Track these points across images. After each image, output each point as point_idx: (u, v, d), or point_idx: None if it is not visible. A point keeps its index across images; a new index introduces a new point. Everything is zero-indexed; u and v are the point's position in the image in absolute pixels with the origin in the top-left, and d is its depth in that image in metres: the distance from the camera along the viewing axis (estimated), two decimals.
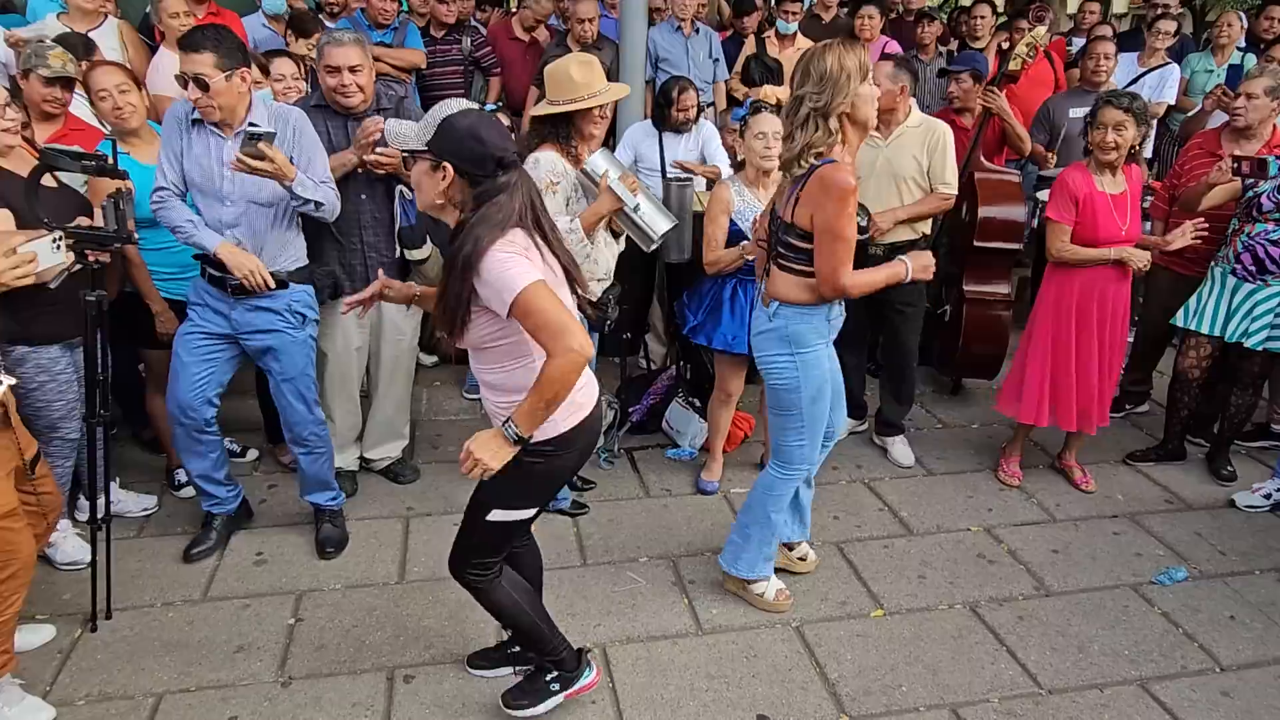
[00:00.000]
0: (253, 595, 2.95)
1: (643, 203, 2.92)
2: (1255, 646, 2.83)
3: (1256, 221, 3.55)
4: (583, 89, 2.91)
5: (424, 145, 1.93)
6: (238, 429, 3.84)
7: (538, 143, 3.03)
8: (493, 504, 2.13)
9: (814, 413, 2.70)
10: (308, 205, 2.81)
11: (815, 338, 2.64)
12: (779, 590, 2.95)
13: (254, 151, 2.60)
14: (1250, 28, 5.67)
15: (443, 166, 1.92)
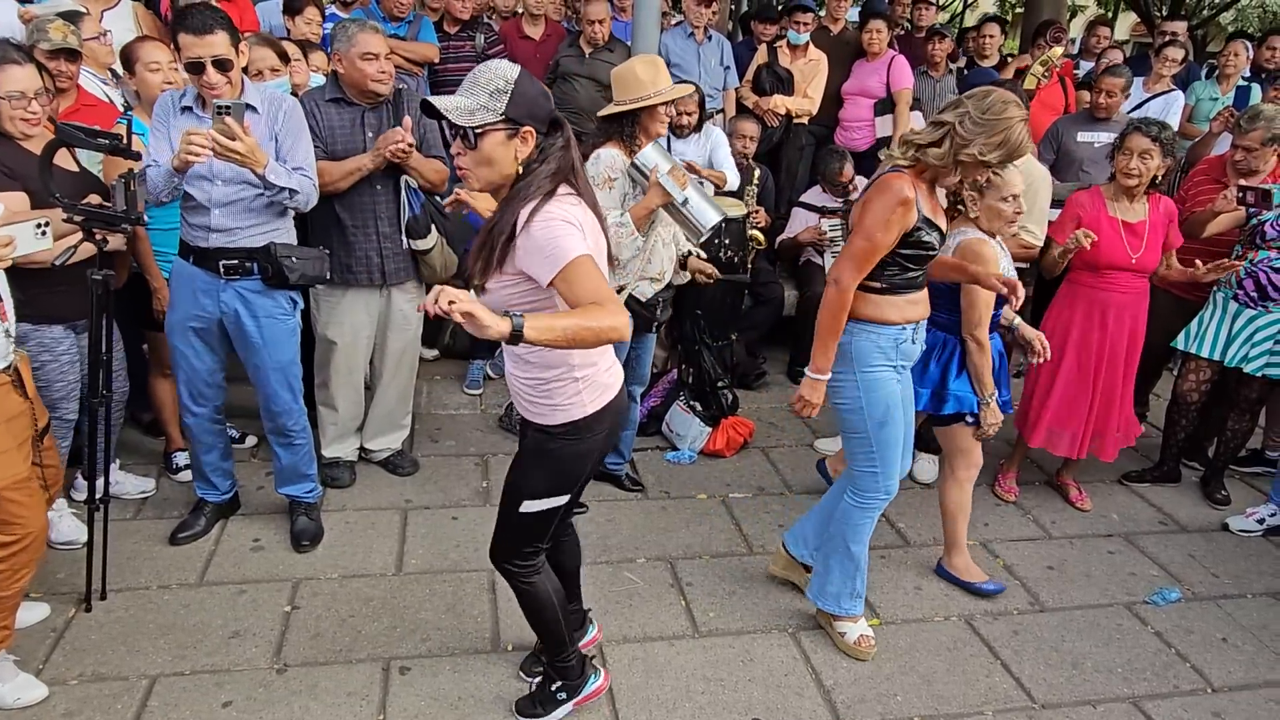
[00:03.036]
0: (249, 581, 2.93)
1: (691, 196, 2.90)
2: (1246, 669, 2.85)
3: (1260, 249, 3.59)
4: (649, 86, 2.95)
5: (501, 115, 1.80)
6: (237, 415, 3.80)
7: (603, 140, 3.07)
8: (523, 494, 2.08)
9: (883, 438, 2.59)
10: (281, 194, 2.73)
11: (879, 357, 2.55)
12: (862, 635, 2.78)
13: (225, 130, 2.50)
14: (1254, 57, 5.72)
15: (523, 133, 1.83)
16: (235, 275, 2.83)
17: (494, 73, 1.82)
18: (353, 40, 3.05)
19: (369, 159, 3.08)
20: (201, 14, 2.61)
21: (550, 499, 2.08)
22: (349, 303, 3.34)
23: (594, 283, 1.73)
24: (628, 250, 3.00)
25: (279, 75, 3.48)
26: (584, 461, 2.08)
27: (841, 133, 5.56)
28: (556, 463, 2.05)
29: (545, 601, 2.23)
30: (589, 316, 1.67)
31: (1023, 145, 2.34)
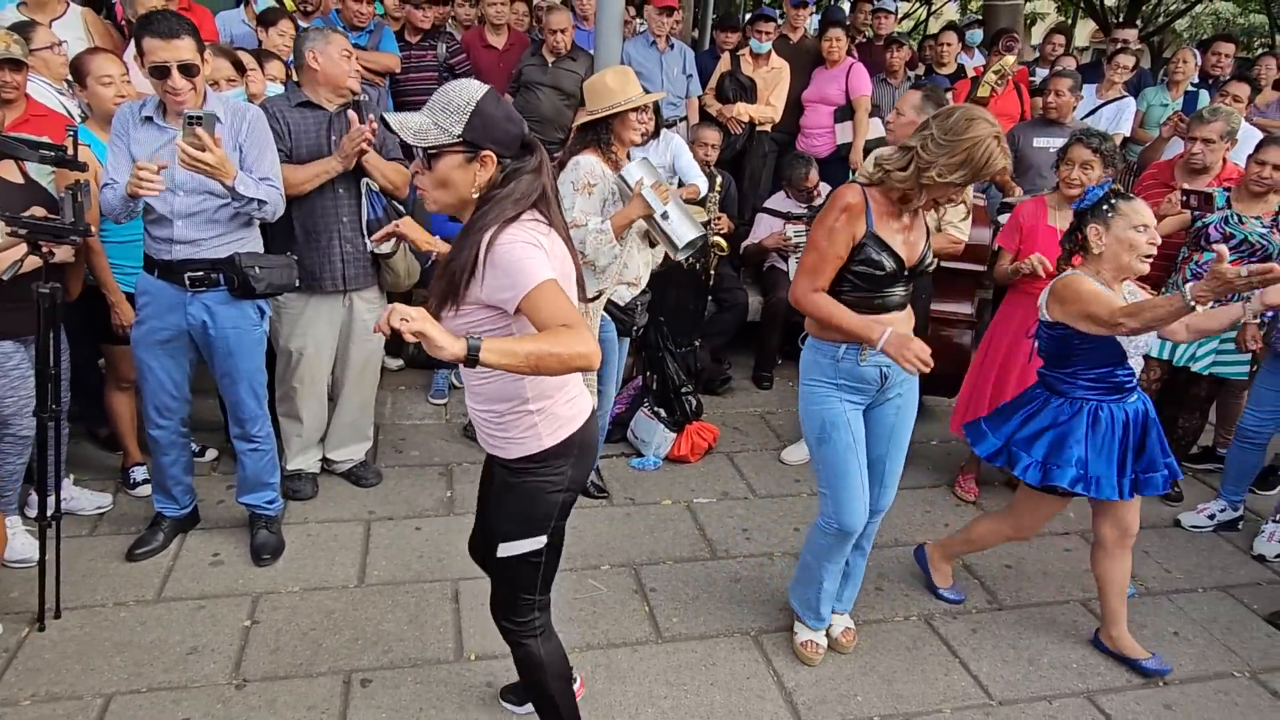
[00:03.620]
0: (207, 596, 2.90)
1: (672, 211, 2.98)
2: (1197, 661, 2.92)
3: (1204, 250, 3.68)
4: (619, 94, 3.03)
5: (456, 137, 1.71)
6: (196, 429, 3.76)
7: (580, 148, 3.12)
8: (498, 539, 1.97)
9: (823, 456, 2.55)
10: (250, 204, 2.73)
11: (817, 373, 2.53)
12: (810, 640, 2.79)
13: (195, 141, 2.48)
14: (1201, 64, 5.87)
15: (482, 156, 1.73)
16: (201, 287, 2.82)
17: (456, 92, 1.73)
18: (329, 39, 3.12)
19: (336, 161, 3.08)
20: (168, 19, 2.60)
21: (524, 541, 1.95)
22: (311, 312, 3.32)
23: (562, 307, 1.64)
24: (605, 257, 3.05)
25: (235, 85, 3.45)
26: (549, 499, 1.93)
27: (803, 139, 5.62)
28: (520, 500, 1.93)
29: (538, 667, 2.09)
30: (555, 342, 1.57)
31: (990, 164, 2.22)
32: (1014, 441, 2.74)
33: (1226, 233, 3.62)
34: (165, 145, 2.68)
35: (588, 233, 2.98)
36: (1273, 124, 5.39)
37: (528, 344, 1.57)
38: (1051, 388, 2.76)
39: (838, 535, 2.61)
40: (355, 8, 4.70)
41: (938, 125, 2.27)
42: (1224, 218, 3.64)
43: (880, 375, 2.51)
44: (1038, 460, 2.68)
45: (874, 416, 2.62)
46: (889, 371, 2.51)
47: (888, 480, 2.69)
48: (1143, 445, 2.74)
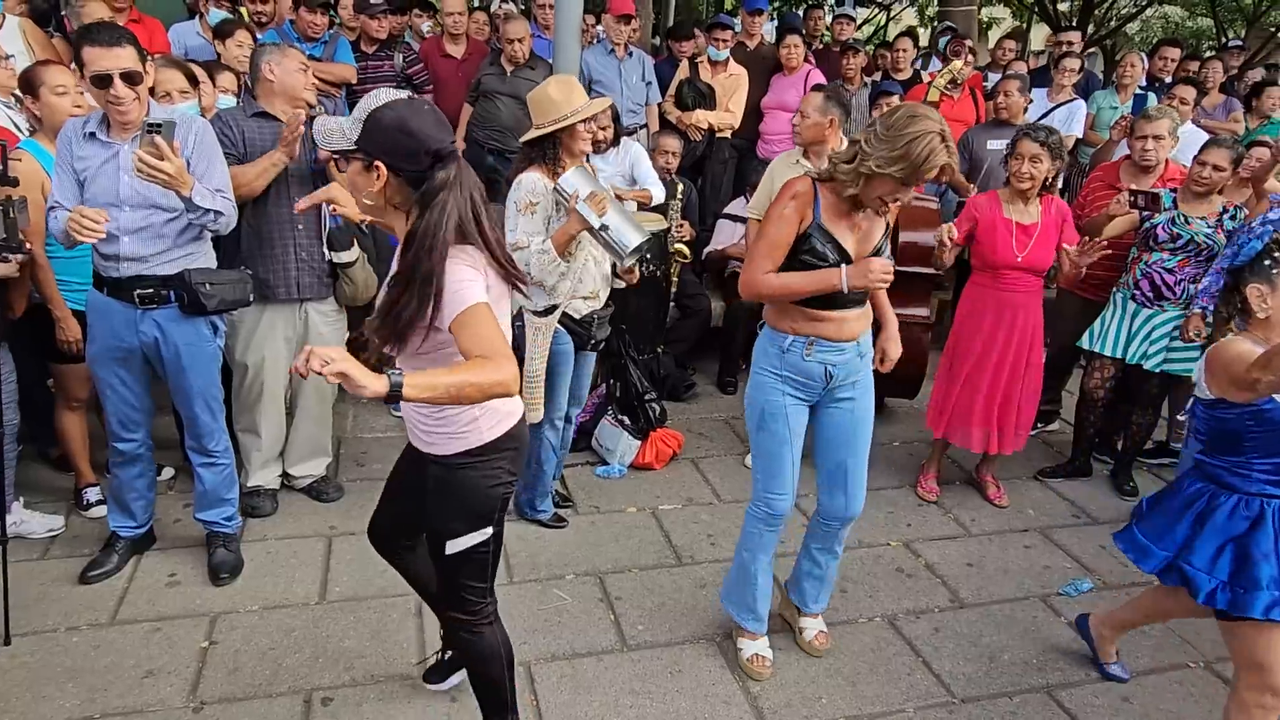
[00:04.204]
0: (164, 618, 2.85)
1: (612, 220, 2.91)
2: (1153, 654, 2.97)
3: (1153, 251, 3.77)
4: (564, 107, 2.94)
5: (352, 144, 1.79)
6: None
7: (524, 165, 3.05)
8: (444, 537, 2.00)
9: (760, 444, 2.60)
10: (206, 216, 2.69)
11: (764, 361, 2.56)
12: (756, 654, 2.75)
13: (153, 150, 2.46)
14: (1149, 68, 6.02)
15: (375, 166, 1.78)
16: (151, 304, 2.77)
17: (364, 101, 1.80)
18: (286, 53, 3.13)
19: (279, 152, 3.03)
20: (108, 28, 2.58)
21: (469, 536, 1.98)
22: (266, 325, 3.28)
23: (488, 331, 1.72)
24: (552, 276, 3.01)
25: (188, 98, 3.40)
26: (493, 491, 1.98)
27: (763, 145, 5.67)
28: (462, 495, 1.96)
29: (491, 656, 2.13)
30: (475, 372, 1.64)
31: (929, 160, 2.22)
32: (1189, 560, 2.30)
33: (1174, 233, 3.70)
34: (109, 160, 2.64)
35: (530, 254, 2.94)
36: (1219, 126, 5.54)
37: (447, 376, 1.62)
38: (1218, 480, 2.30)
39: (766, 519, 2.66)
40: (309, 19, 4.67)
41: (882, 120, 2.32)
42: (1171, 218, 3.73)
43: (825, 373, 2.54)
44: (1223, 582, 2.23)
45: (827, 419, 2.64)
46: (834, 371, 2.54)
47: (852, 488, 2.69)
48: None
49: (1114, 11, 17.80)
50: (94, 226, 2.45)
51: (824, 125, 3.69)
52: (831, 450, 2.66)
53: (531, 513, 3.49)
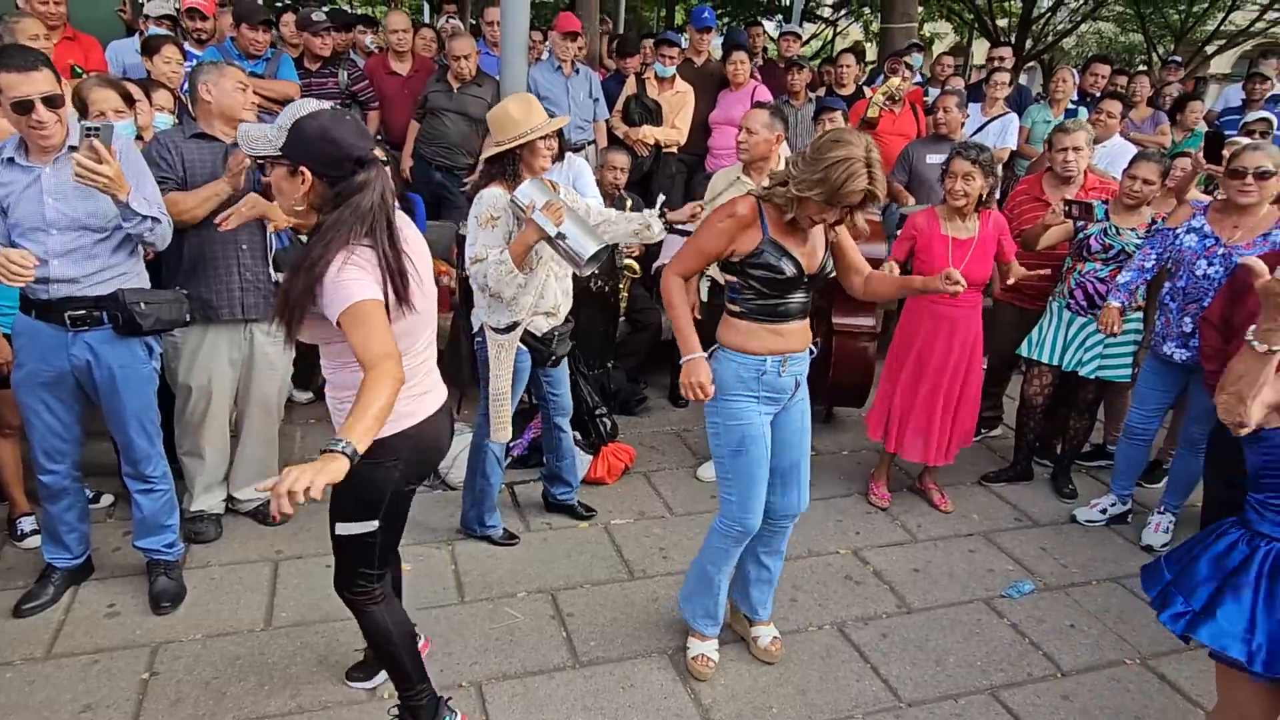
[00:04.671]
0: (102, 650, 2.77)
1: (569, 229, 2.92)
2: (1092, 651, 3.06)
3: (1087, 261, 3.90)
4: (523, 124, 2.99)
5: (277, 151, 1.91)
6: (91, 473, 3.60)
7: (486, 181, 3.08)
8: (335, 518, 2.16)
9: (737, 467, 2.60)
10: (144, 224, 2.64)
11: (739, 386, 2.56)
12: (702, 655, 2.82)
13: (92, 154, 2.43)
14: (1079, 83, 6.23)
15: (300, 171, 1.90)
16: (83, 326, 2.71)
17: (289, 111, 1.90)
18: (223, 72, 3.08)
19: (224, 183, 3.00)
20: (21, 52, 2.53)
21: (356, 523, 2.13)
22: (209, 346, 3.23)
23: (370, 330, 1.81)
24: (509, 288, 3.01)
25: (123, 117, 3.34)
26: (379, 487, 2.10)
27: (711, 160, 5.72)
28: (354, 484, 1.97)
29: (383, 632, 2.27)
30: (375, 394, 1.74)
31: (848, 185, 2.25)
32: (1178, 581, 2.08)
33: (1106, 243, 3.83)
34: (31, 185, 2.59)
35: (488, 266, 2.96)
36: (1146, 139, 5.75)
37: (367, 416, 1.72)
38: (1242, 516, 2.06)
39: (738, 537, 2.69)
40: (250, 36, 4.62)
41: (811, 143, 2.38)
42: (1103, 229, 3.86)
43: (794, 383, 2.63)
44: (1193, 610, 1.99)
45: (783, 423, 2.70)
46: (800, 378, 2.63)
47: (803, 483, 2.78)
48: None
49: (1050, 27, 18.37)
50: (22, 271, 2.42)
51: (772, 141, 3.76)
52: (788, 450, 2.72)
53: (480, 529, 3.48)
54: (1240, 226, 3.40)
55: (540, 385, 3.46)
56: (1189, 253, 3.48)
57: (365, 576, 2.23)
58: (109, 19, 5.75)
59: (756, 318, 2.55)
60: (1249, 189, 3.30)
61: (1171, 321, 3.56)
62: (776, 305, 2.53)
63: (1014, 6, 17.81)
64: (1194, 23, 16.74)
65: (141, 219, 2.64)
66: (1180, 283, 3.52)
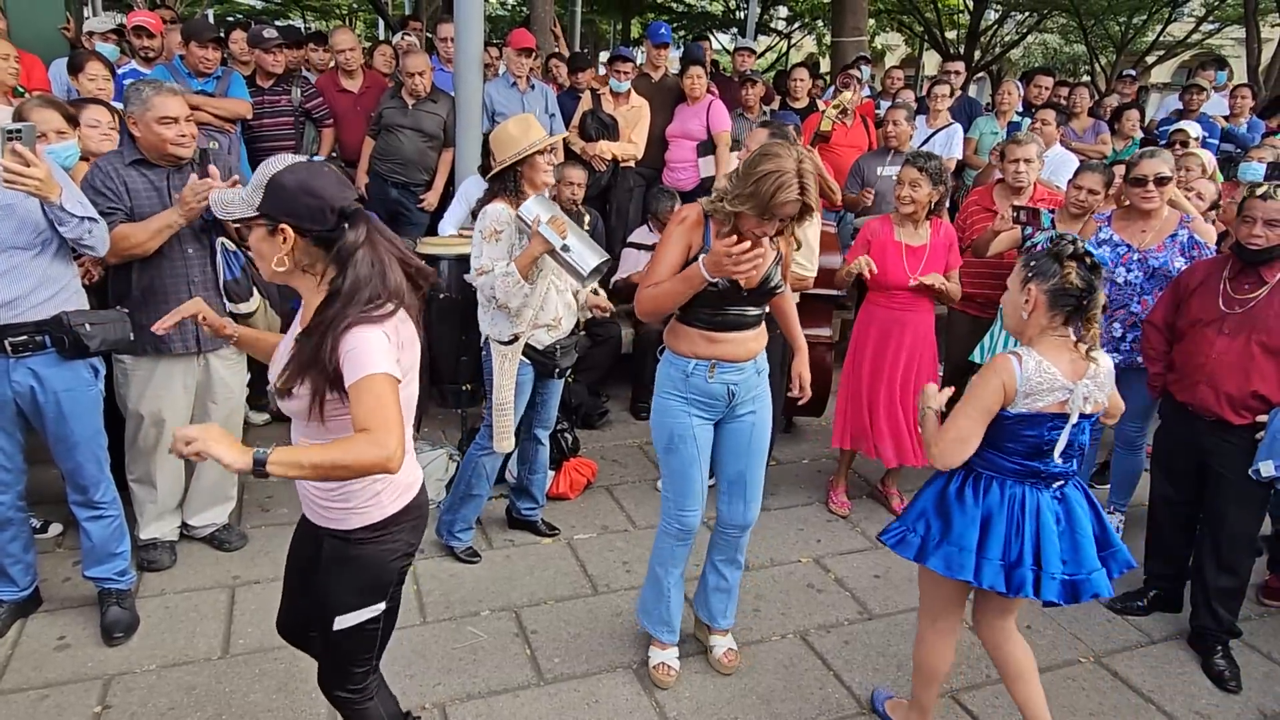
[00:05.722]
0: (52, 684, 2.70)
1: (572, 242, 3.03)
2: (1047, 651, 3.12)
3: None
4: (522, 141, 3.10)
5: (255, 210, 1.77)
6: (37, 502, 3.52)
7: (489, 197, 3.18)
8: (334, 612, 1.91)
9: (669, 464, 2.69)
10: (81, 226, 2.57)
11: (668, 384, 2.64)
12: (662, 663, 2.84)
13: (18, 159, 2.36)
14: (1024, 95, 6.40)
15: (280, 229, 1.75)
16: (25, 352, 2.64)
17: (263, 168, 1.78)
18: (148, 104, 2.90)
19: (177, 214, 2.92)
20: None
21: (361, 611, 1.92)
22: (162, 374, 3.16)
23: (377, 404, 1.65)
24: (516, 299, 3.10)
25: (65, 138, 3.27)
26: (391, 565, 1.93)
27: (668, 173, 5.78)
28: (360, 570, 1.90)
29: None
30: (346, 451, 1.59)
31: (777, 197, 2.28)
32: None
33: None
34: None
35: (495, 278, 3.06)
36: (1087, 149, 5.92)
37: (318, 455, 1.60)
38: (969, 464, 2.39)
39: (679, 535, 2.74)
40: (200, 54, 4.56)
41: (746, 159, 2.42)
42: (1049, 238, 3.95)
43: (728, 392, 2.64)
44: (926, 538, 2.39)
45: (729, 432, 2.73)
46: (736, 389, 2.64)
47: (750, 495, 2.81)
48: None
49: (997, 39, 18.83)
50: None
51: None
52: (732, 460, 2.76)
53: (448, 537, 3.48)
54: (1148, 230, 3.56)
55: (533, 396, 3.46)
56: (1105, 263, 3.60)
57: (363, 667, 2.01)
58: (52, 37, 5.63)
59: (691, 323, 2.59)
60: (1150, 195, 3.47)
61: (1100, 328, 3.66)
62: (713, 314, 2.57)
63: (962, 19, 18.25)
64: (1134, 34, 17.28)
65: (79, 220, 2.57)
66: (1104, 291, 3.63)
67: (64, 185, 2.58)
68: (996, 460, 2.30)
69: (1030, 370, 2.22)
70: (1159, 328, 3.26)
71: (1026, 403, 2.23)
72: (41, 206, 2.58)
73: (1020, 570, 2.27)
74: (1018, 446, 2.27)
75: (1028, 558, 2.27)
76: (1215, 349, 3.00)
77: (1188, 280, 3.18)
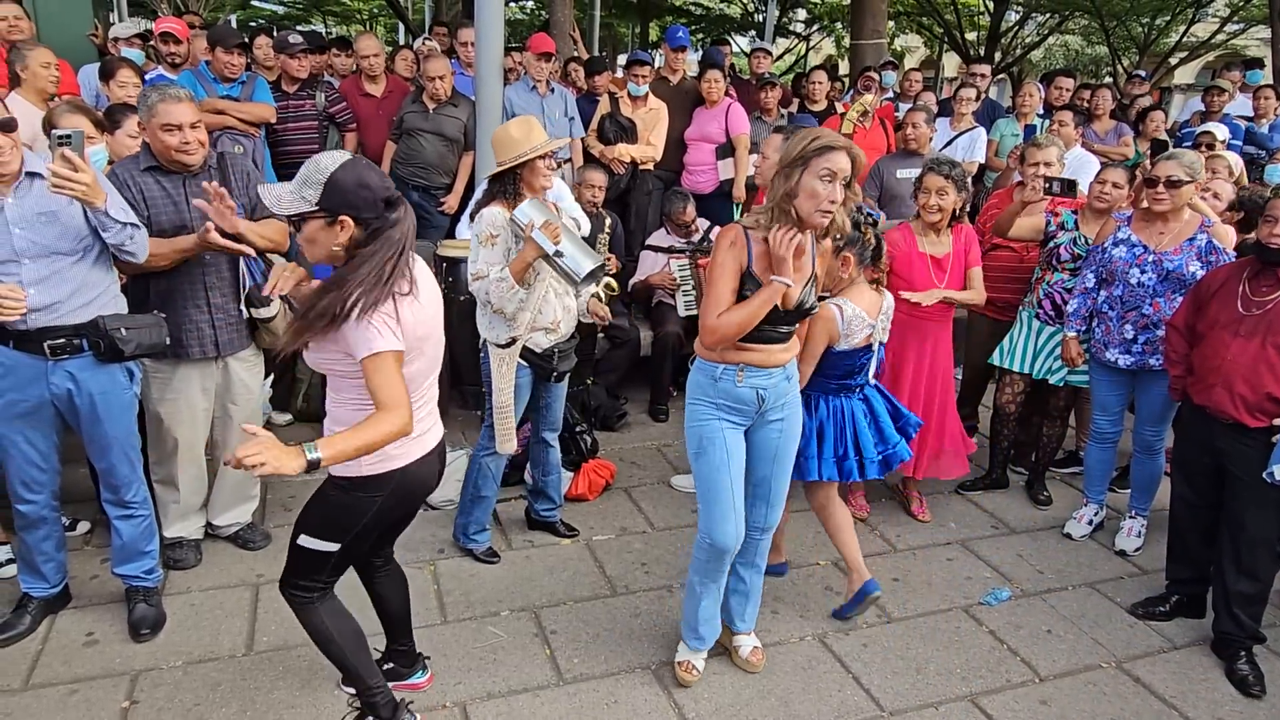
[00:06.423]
0: (81, 680, 2.75)
1: (565, 247, 3.01)
2: (1068, 656, 3.11)
3: (1055, 271, 3.98)
4: (523, 144, 3.07)
5: (315, 206, 1.98)
6: (66, 500, 3.56)
7: (487, 200, 3.16)
8: (300, 527, 2.24)
9: (701, 473, 2.66)
10: (124, 231, 2.64)
11: (697, 391, 2.64)
12: (687, 662, 2.87)
13: (67, 164, 2.43)
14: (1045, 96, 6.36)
15: (340, 221, 1.99)
16: (63, 355, 2.70)
17: (316, 165, 1.99)
18: (152, 110, 2.90)
19: (194, 239, 2.92)
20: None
21: (320, 541, 2.21)
22: (182, 377, 3.19)
23: (386, 379, 1.97)
24: (511, 304, 3.09)
25: (94, 144, 3.32)
26: (354, 516, 2.20)
27: (687, 176, 5.79)
28: (328, 508, 2.20)
29: (322, 632, 2.35)
30: (372, 430, 1.93)
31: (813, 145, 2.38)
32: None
33: (1075, 253, 3.91)
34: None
35: (489, 283, 3.06)
36: (1109, 150, 5.88)
37: (353, 440, 1.92)
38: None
39: (710, 550, 2.70)
40: (225, 59, 4.62)
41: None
42: (1073, 239, 3.94)
43: (757, 397, 2.62)
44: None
45: (758, 438, 2.72)
46: (765, 394, 2.63)
47: (773, 499, 2.81)
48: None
49: (1018, 40, 18.71)
50: (15, 305, 2.46)
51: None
52: (759, 466, 2.75)
53: (465, 539, 3.50)
54: (1166, 233, 3.53)
55: (537, 399, 3.48)
56: (1120, 263, 3.58)
57: (308, 581, 2.30)
58: (80, 42, 5.73)
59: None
60: (1160, 196, 3.45)
61: (1112, 329, 3.64)
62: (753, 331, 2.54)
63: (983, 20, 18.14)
64: (1157, 35, 17.12)
65: (121, 226, 2.63)
66: (1117, 291, 3.61)
67: (108, 191, 2.64)
68: (823, 382, 3.11)
69: (849, 317, 3.01)
70: (1180, 330, 3.24)
71: (846, 342, 3.03)
72: (84, 212, 2.63)
73: (847, 462, 3.12)
74: (837, 371, 3.10)
75: (851, 451, 3.12)
76: (1231, 351, 2.98)
77: (1209, 282, 3.16)
